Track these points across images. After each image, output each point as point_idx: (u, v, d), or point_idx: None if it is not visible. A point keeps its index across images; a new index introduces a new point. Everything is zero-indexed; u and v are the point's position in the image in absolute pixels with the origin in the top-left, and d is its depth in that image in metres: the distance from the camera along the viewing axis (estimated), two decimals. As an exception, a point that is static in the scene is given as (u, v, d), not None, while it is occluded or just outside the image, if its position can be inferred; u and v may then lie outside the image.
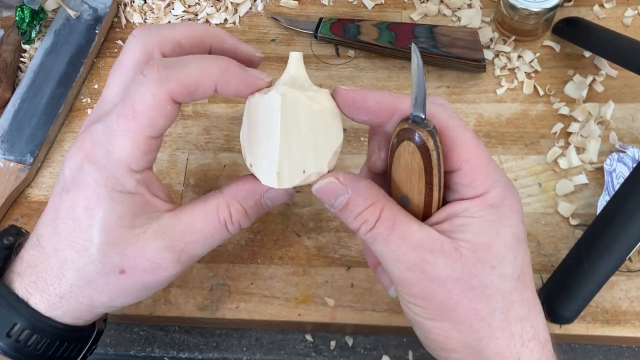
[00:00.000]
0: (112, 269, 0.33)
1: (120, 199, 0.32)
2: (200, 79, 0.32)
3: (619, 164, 0.50)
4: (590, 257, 0.43)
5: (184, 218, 0.34)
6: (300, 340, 0.48)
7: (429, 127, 0.31)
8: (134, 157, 0.32)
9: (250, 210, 0.35)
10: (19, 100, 0.58)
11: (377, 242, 0.32)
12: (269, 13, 0.63)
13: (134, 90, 0.31)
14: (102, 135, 0.32)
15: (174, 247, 0.33)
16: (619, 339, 0.45)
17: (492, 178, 0.32)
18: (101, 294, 0.34)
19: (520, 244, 0.32)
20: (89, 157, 0.32)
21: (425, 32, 0.58)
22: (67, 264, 0.33)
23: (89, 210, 0.32)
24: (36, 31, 0.62)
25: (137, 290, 0.35)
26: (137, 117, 0.31)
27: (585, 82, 0.55)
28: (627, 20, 0.59)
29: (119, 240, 0.33)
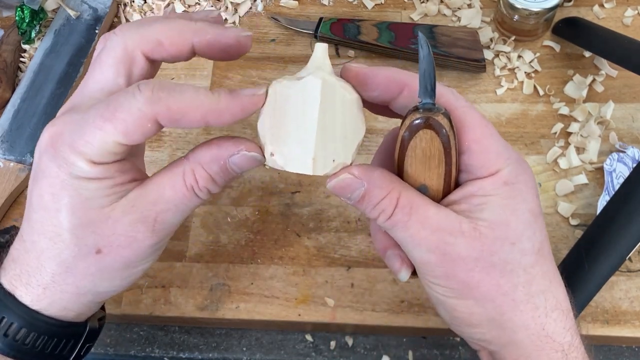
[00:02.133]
0: (88, 250, 0.33)
1: (85, 184, 0.32)
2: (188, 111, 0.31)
3: (619, 164, 0.50)
4: (590, 257, 0.43)
5: (152, 189, 0.33)
6: (300, 340, 0.48)
7: (442, 110, 0.31)
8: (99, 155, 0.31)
9: (216, 176, 0.33)
10: (19, 100, 0.58)
11: (396, 228, 0.32)
12: (269, 13, 0.63)
13: (122, 98, 0.31)
14: (75, 124, 0.32)
15: (145, 218, 0.33)
16: (619, 339, 0.45)
17: (504, 156, 0.32)
18: (83, 279, 0.34)
19: (537, 219, 0.32)
20: (54, 144, 0.32)
21: (425, 32, 0.58)
22: (44, 253, 0.33)
23: (55, 196, 0.32)
24: (36, 31, 0.62)
25: (118, 269, 0.34)
26: (115, 121, 0.31)
27: (585, 82, 0.55)
28: (627, 20, 0.59)
29: (89, 221, 0.32)
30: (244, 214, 0.51)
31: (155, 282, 0.49)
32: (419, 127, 0.31)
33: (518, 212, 0.31)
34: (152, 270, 0.50)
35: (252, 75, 0.59)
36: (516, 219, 0.31)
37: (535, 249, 0.32)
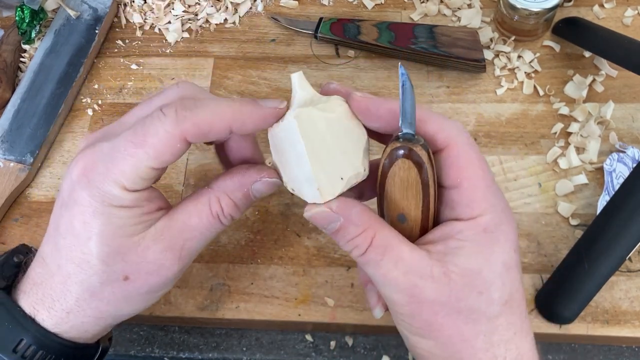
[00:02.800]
0: (115, 277, 0.34)
1: (117, 212, 0.33)
2: (214, 122, 0.33)
3: (618, 164, 0.50)
4: (590, 257, 0.43)
5: (179, 218, 0.35)
6: (300, 340, 0.48)
7: (420, 141, 0.32)
8: (132, 181, 0.33)
9: (239, 202, 0.36)
10: (19, 100, 0.58)
11: (368, 265, 0.33)
12: (269, 13, 0.63)
13: (149, 123, 0.33)
14: (106, 154, 0.33)
15: (173, 246, 0.34)
16: (619, 339, 0.45)
17: (490, 201, 0.33)
18: (108, 304, 0.35)
19: (510, 271, 0.32)
20: (87, 173, 0.33)
21: (425, 32, 0.58)
22: (70, 278, 0.34)
23: (87, 224, 0.33)
24: (36, 31, 0.62)
25: (142, 295, 0.35)
26: (146, 146, 0.32)
27: (585, 82, 0.55)
28: (627, 20, 0.59)
29: (119, 250, 0.33)
30: (244, 214, 0.51)
31: (155, 282, 0.49)
32: (398, 156, 0.32)
33: (491, 262, 0.32)
34: (152, 270, 0.50)
35: (252, 75, 0.59)
36: (488, 269, 0.32)
37: (502, 300, 0.32)
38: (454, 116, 0.55)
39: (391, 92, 0.57)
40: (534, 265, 0.47)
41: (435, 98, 0.56)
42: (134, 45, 0.63)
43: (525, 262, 0.48)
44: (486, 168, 0.33)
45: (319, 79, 0.58)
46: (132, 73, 0.61)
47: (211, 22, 0.63)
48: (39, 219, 0.53)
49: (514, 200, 0.50)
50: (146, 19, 0.64)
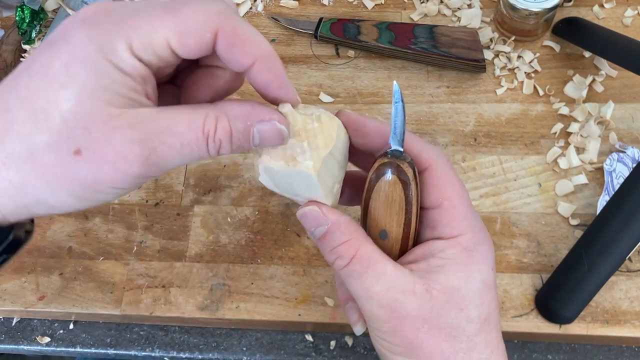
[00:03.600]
0: (66, 146, 0.27)
1: (109, 70, 0.27)
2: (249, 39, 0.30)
3: (618, 164, 0.50)
4: (590, 257, 0.43)
5: (166, 116, 0.29)
6: (300, 340, 0.48)
7: (407, 159, 0.33)
8: (142, 45, 0.28)
9: (235, 134, 0.30)
10: (19, 100, 0.58)
11: (351, 278, 0.33)
12: (269, 13, 0.63)
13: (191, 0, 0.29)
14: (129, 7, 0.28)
15: (146, 141, 0.28)
16: (619, 339, 0.45)
17: (469, 221, 0.33)
18: (40, 176, 0.28)
19: (488, 289, 0.33)
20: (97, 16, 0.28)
21: (425, 32, 0.58)
22: (13, 127, 0.27)
23: (69, 68, 0.27)
24: (36, 31, 0.62)
25: (85, 184, 0.28)
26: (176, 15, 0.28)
27: (585, 82, 0.55)
28: (627, 21, 0.59)
29: (89, 113, 0.27)
30: (244, 214, 0.51)
31: (155, 282, 0.49)
32: (385, 172, 0.33)
33: (470, 280, 0.32)
34: (153, 270, 0.50)
35: (252, 75, 0.59)
36: (467, 286, 0.32)
37: (481, 318, 0.32)
38: (454, 116, 0.55)
39: (391, 92, 0.57)
40: (534, 265, 0.47)
41: (435, 98, 0.56)
42: (134, 46, 0.63)
43: (525, 262, 0.48)
44: (464, 189, 0.34)
45: (319, 79, 0.58)
46: (132, 73, 0.61)
47: (211, 22, 0.63)
48: (38, 218, 0.53)
49: (514, 200, 0.50)
50: (146, 19, 0.64)
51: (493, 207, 0.50)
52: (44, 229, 0.53)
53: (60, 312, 0.49)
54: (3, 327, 0.50)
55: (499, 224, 0.49)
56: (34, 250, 0.51)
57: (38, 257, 0.51)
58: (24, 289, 0.50)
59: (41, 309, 0.49)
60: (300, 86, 0.58)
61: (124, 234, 0.52)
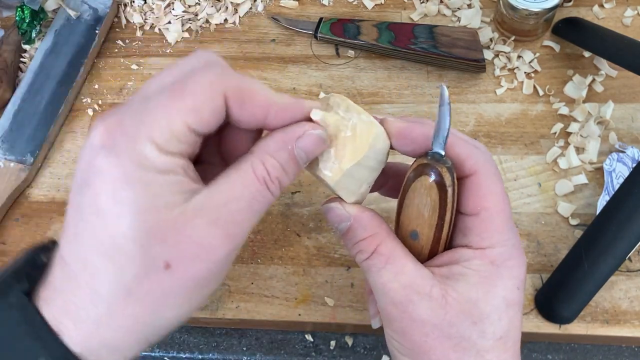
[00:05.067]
0: (155, 265, 0.27)
1: (151, 177, 0.27)
2: (257, 94, 0.30)
3: (618, 163, 0.50)
4: (590, 257, 0.43)
5: (221, 188, 0.29)
6: (300, 340, 0.48)
7: (448, 164, 0.31)
8: (166, 139, 0.27)
9: (285, 164, 0.30)
10: (19, 100, 0.58)
11: (370, 271, 0.32)
12: (269, 13, 0.63)
13: (190, 74, 0.29)
14: (135, 112, 0.28)
15: (219, 220, 0.28)
16: (619, 339, 0.45)
17: (504, 235, 0.32)
18: (146, 307, 0.28)
19: (509, 308, 0.32)
20: (112, 135, 0.28)
21: (425, 32, 0.58)
22: (98, 275, 0.27)
23: (115, 197, 0.27)
24: (36, 31, 0.62)
25: (188, 290, 0.28)
26: (184, 97, 0.28)
27: (584, 82, 0.55)
28: (627, 21, 0.59)
29: (157, 226, 0.27)
30: (244, 214, 0.51)
31: (155, 282, 0.49)
32: (422, 172, 0.32)
33: (490, 295, 0.31)
34: (152, 270, 0.50)
35: (252, 75, 0.59)
36: (486, 300, 0.31)
37: (496, 336, 0.31)
38: (453, 116, 0.55)
39: (391, 92, 0.57)
40: (533, 265, 0.47)
41: (435, 98, 0.56)
42: (134, 46, 0.63)
43: (525, 262, 0.48)
44: (507, 202, 0.33)
45: (319, 79, 0.58)
46: (132, 73, 0.61)
47: (211, 22, 0.63)
48: (39, 219, 0.53)
49: (514, 200, 0.50)
50: (146, 19, 0.64)
51: (493, 207, 0.50)
52: (44, 229, 0.53)
53: (60, 312, 0.49)
54: (3, 327, 0.50)
55: (499, 224, 0.49)
56: (34, 250, 0.52)
57: (38, 257, 0.51)
58: (24, 289, 0.50)
59: (41, 309, 0.49)
60: (300, 86, 0.58)
61: (124, 234, 0.52)
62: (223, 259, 0.29)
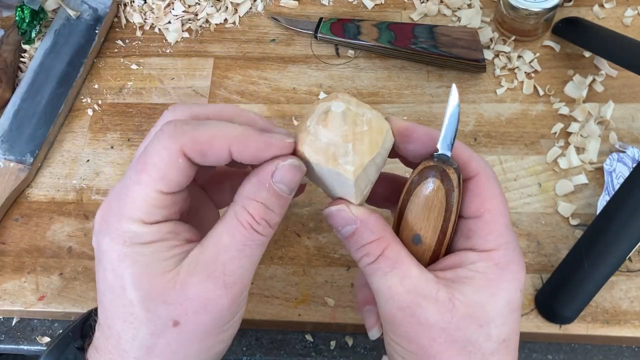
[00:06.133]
0: (163, 324, 0.30)
1: (141, 250, 0.30)
2: (214, 139, 0.30)
3: (618, 163, 0.50)
4: (590, 257, 0.43)
5: (210, 242, 0.31)
6: (300, 340, 0.48)
7: (454, 165, 0.31)
8: (145, 211, 0.30)
9: (269, 203, 0.31)
10: (19, 100, 0.58)
11: (375, 275, 0.32)
12: (269, 13, 0.63)
13: (149, 145, 0.31)
14: (117, 192, 0.32)
15: (212, 274, 0.30)
16: (619, 339, 0.45)
17: (506, 238, 0.33)
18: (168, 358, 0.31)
19: (513, 311, 0.32)
20: (105, 218, 0.32)
21: (425, 32, 0.58)
22: (122, 337, 0.31)
23: (116, 272, 0.31)
24: (36, 31, 0.62)
25: (201, 339, 0.31)
26: (148, 169, 0.30)
27: (585, 82, 0.55)
28: (627, 21, 0.59)
29: (155, 291, 0.30)
30: (244, 214, 0.51)
31: (155, 282, 0.49)
32: (429, 174, 0.31)
33: (496, 297, 0.31)
34: (152, 270, 0.50)
35: (252, 75, 0.59)
36: (492, 304, 0.31)
37: (500, 339, 0.31)
38: (454, 116, 0.55)
39: (391, 92, 0.57)
40: (534, 265, 0.47)
41: (435, 98, 0.56)
42: (134, 45, 0.63)
43: (525, 262, 0.47)
44: (506, 206, 0.33)
45: (319, 79, 0.58)
46: (132, 73, 0.61)
47: (211, 22, 0.63)
48: (38, 219, 0.53)
49: (514, 200, 0.50)
50: (146, 19, 0.64)
51: (493, 207, 0.50)
52: (44, 229, 0.53)
53: (60, 312, 0.49)
54: (3, 327, 0.50)
55: (499, 224, 0.49)
56: (33, 251, 0.52)
57: (38, 257, 0.51)
58: (24, 289, 0.50)
59: (41, 309, 0.49)
60: (300, 86, 0.58)
61: (124, 234, 0.52)
62: (227, 307, 0.31)
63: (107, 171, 0.55)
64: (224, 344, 0.33)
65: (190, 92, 0.59)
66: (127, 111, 0.59)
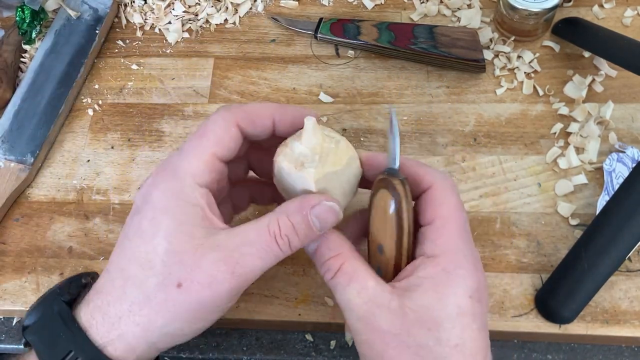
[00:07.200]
0: (170, 281, 0.34)
1: (184, 208, 0.34)
2: (261, 109, 0.38)
3: (618, 164, 0.50)
4: (590, 257, 0.43)
5: (237, 232, 0.35)
6: (300, 340, 0.48)
7: (401, 177, 0.35)
8: (200, 170, 0.35)
9: (298, 226, 0.35)
10: (19, 100, 0.58)
11: (336, 289, 0.35)
12: (269, 13, 0.64)
13: (208, 120, 0.37)
14: (174, 157, 0.37)
15: (228, 258, 0.34)
16: (619, 339, 0.45)
17: (455, 243, 0.34)
18: (158, 312, 0.34)
19: (463, 316, 0.33)
20: (160, 174, 0.36)
21: (425, 33, 0.58)
22: (130, 280, 0.35)
23: (154, 221, 0.34)
24: (37, 31, 0.62)
25: (193, 309, 0.34)
26: (207, 134, 0.36)
27: (584, 82, 0.55)
28: (627, 21, 0.59)
29: (179, 249, 0.34)
30: (244, 214, 0.51)
31: (155, 282, 0.49)
32: (379, 187, 0.35)
33: (444, 302, 0.33)
34: (153, 270, 0.50)
35: (252, 75, 0.59)
36: (439, 308, 0.33)
37: (451, 343, 0.32)
38: (453, 116, 0.55)
39: (391, 92, 0.57)
40: (533, 265, 0.47)
41: (435, 98, 0.56)
42: (135, 46, 0.63)
43: (525, 262, 0.48)
44: (462, 213, 0.35)
45: (319, 79, 0.58)
46: (132, 73, 0.61)
47: (211, 23, 0.63)
48: (39, 218, 0.53)
49: (514, 200, 0.50)
50: (146, 19, 0.64)
51: (493, 207, 0.50)
52: (45, 229, 0.53)
53: (60, 312, 0.49)
54: (3, 327, 0.50)
55: (499, 224, 0.49)
56: (34, 250, 0.52)
57: (38, 257, 0.51)
58: (25, 288, 0.50)
59: (41, 308, 0.49)
60: (300, 86, 0.58)
61: (124, 233, 0.52)
62: (226, 292, 0.34)
63: (107, 171, 0.55)
64: (207, 324, 0.36)
65: (190, 92, 0.59)
66: (128, 111, 0.59)
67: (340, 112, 0.56)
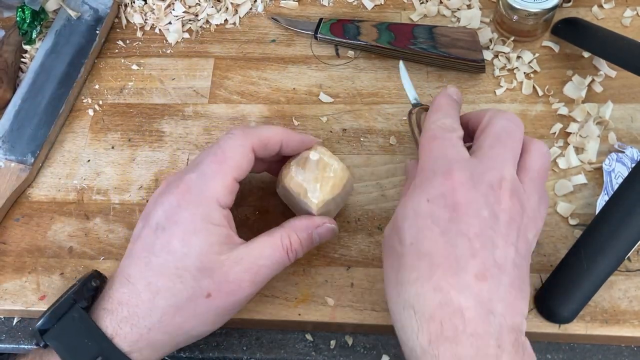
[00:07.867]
0: (200, 293, 0.38)
1: (212, 230, 0.39)
2: (272, 136, 0.43)
3: (617, 164, 0.50)
4: (589, 257, 0.43)
5: (256, 247, 0.41)
6: (300, 340, 0.48)
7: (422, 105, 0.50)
8: (223, 194, 0.40)
9: (303, 242, 0.43)
10: (19, 100, 0.58)
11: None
12: (269, 14, 0.64)
13: (224, 142, 0.41)
14: (196, 180, 0.40)
15: (250, 269, 0.40)
16: (618, 339, 0.45)
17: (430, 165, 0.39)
18: (186, 321, 0.39)
19: (417, 217, 0.37)
20: (185, 198, 0.40)
21: (424, 33, 0.58)
22: (159, 294, 0.38)
23: (185, 241, 0.38)
24: (37, 32, 0.62)
25: (217, 314, 0.40)
26: (227, 160, 0.40)
27: (584, 82, 0.55)
28: (626, 21, 0.59)
29: (209, 266, 0.38)
30: (244, 214, 0.51)
31: (155, 281, 0.49)
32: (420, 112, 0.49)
33: (404, 208, 0.38)
34: (153, 270, 0.50)
35: (252, 75, 0.60)
36: (401, 213, 0.38)
37: (406, 242, 0.36)
38: (453, 116, 0.55)
39: (391, 92, 0.57)
40: (533, 265, 0.47)
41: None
42: (135, 46, 0.63)
43: (525, 261, 0.48)
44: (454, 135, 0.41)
45: (319, 79, 0.59)
46: (132, 73, 0.61)
47: (211, 23, 0.63)
48: (39, 218, 0.53)
49: (513, 200, 0.50)
50: (147, 19, 0.64)
51: (492, 207, 0.50)
52: (45, 229, 0.53)
53: (60, 312, 0.49)
54: (4, 326, 0.50)
55: (499, 224, 0.49)
56: (34, 250, 0.52)
57: (39, 257, 0.51)
58: (25, 288, 0.50)
59: (42, 308, 0.49)
60: (300, 86, 0.58)
61: (125, 234, 0.52)
62: (245, 297, 0.41)
63: (107, 171, 0.55)
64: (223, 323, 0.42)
65: (190, 93, 0.59)
66: (128, 111, 0.59)
67: (340, 112, 0.56)
